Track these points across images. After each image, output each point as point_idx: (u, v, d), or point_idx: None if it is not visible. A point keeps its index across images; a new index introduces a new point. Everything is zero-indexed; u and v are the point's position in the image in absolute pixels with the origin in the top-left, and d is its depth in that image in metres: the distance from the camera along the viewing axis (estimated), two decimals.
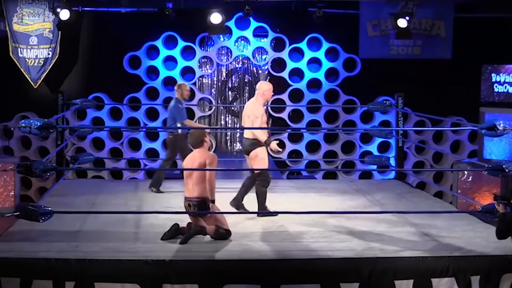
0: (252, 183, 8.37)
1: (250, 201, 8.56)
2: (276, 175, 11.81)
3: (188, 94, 10.11)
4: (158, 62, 12.26)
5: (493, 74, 11.20)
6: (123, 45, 12.09)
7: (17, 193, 9.92)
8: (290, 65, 12.37)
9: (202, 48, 12.42)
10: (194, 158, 7.30)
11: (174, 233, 7.12)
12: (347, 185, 10.74)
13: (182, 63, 12.31)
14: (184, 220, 7.29)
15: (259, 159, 8.22)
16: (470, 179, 9.95)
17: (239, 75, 12.76)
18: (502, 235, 5.86)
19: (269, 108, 12.45)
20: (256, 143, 8.22)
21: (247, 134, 8.34)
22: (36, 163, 6.45)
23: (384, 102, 11.11)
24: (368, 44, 12.07)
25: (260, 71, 12.78)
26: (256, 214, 8.21)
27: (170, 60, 12.38)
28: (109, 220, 7.80)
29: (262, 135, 8.18)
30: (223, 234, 7.16)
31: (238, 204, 8.34)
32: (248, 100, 12.69)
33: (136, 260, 6.36)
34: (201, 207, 7.10)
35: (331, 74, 12.47)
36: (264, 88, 8.43)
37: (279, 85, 12.54)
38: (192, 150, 7.76)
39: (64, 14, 10.99)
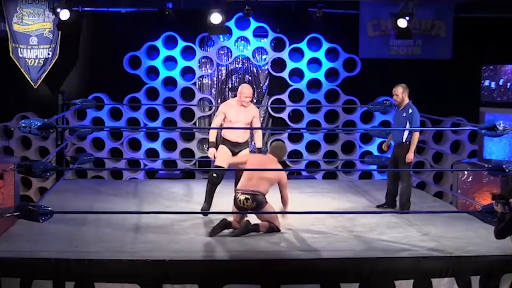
0: None
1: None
2: None
3: (395, 100, 8.86)
4: (158, 62, 12.26)
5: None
6: (123, 45, 12.09)
7: (17, 193, 9.91)
8: (290, 65, 12.36)
9: (202, 48, 12.42)
10: (266, 161, 7.57)
11: (223, 227, 7.30)
12: (347, 185, 10.74)
13: (182, 63, 12.31)
14: (184, 220, 7.27)
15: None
16: (470, 179, 9.93)
17: (239, 75, 12.75)
18: (500, 235, 5.85)
19: (269, 108, 12.47)
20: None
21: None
22: (36, 163, 6.45)
23: (384, 102, 11.10)
24: (368, 44, 12.06)
25: (260, 71, 12.78)
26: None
27: (170, 60, 12.37)
28: (109, 220, 7.81)
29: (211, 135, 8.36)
30: (274, 230, 7.43)
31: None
32: None
33: (136, 260, 6.36)
34: (259, 202, 7.32)
35: (331, 74, 12.47)
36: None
37: (279, 85, 12.57)
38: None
39: (64, 14, 10.98)
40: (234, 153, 8.24)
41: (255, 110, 8.40)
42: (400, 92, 8.76)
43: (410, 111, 8.67)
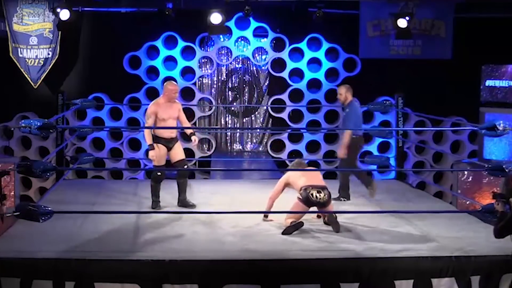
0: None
1: (252, 201, 8.56)
2: (276, 175, 11.79)
3: (339, 98, 9.49)
4: (158, 62, 12.26)
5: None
6: (123, 45, 12.09)
7: (17, 193, 9.91)
8: (290, 65, 12.36)
9: (202, 48, 12.42)
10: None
11: (296, 227, 7.50)
12: None
13: (182, 63, 12.31)
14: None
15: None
16: (470, 179, 9.93)
17: (239, 75, 12.75)
18: (500, 234, 5.85)
19: (269, 108, 12.47)
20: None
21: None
22: (36, 163, 6.45)
23: (384, 102, 11.11)
24: (368, 44, 12.06)
25: (260, 71, 12.78)
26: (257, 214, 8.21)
27: (170, 60, 12.38)
28: (109, 220, 7.80)
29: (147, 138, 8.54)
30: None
31: (184, 203, 8.67)
32: (248, 100, 12.77)
33: (136, 260, 6.36)
34: (329, 194, 7.71)
35: (331, 74, 12.47)
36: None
37: (279, 85, 12.57)
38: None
39: (64, 14, 10.98)
40: (169, 149, 8.61)
41: (179, 103, 8.83)
42: (344, 92, 9.35)
43: (347, 110, 9.30)
